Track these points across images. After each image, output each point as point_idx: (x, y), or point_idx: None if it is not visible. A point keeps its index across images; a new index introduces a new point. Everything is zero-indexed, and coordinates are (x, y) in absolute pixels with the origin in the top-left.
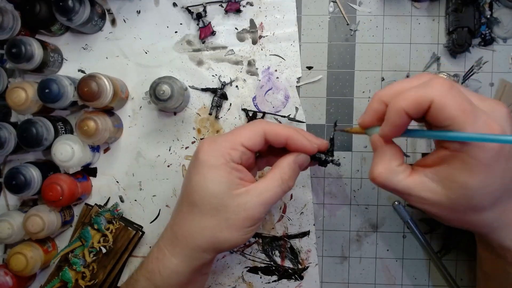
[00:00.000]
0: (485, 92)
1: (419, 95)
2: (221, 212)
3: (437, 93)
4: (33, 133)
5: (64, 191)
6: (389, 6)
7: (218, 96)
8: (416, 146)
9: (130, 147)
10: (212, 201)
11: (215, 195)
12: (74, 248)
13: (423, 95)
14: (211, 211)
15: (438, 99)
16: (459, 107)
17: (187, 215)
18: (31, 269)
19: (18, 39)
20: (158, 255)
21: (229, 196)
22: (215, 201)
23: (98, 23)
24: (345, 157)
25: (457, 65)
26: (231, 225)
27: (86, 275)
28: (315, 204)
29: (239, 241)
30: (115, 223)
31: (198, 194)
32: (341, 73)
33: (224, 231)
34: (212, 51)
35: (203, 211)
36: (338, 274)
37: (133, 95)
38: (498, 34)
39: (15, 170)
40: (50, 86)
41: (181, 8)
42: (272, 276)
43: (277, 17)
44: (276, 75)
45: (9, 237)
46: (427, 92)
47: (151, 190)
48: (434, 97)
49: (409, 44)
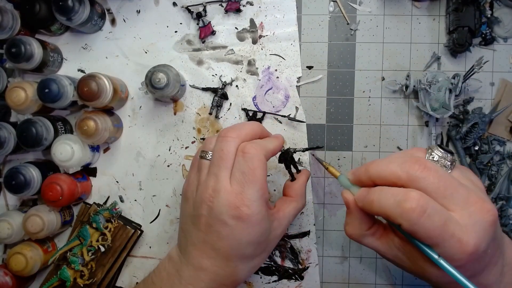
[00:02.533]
0: (485, 92)
1: (390, 212)
2: (266, 250)
3: (405, 221)
4: (32, 133)
5: (63, 191)
6: (389, 5)
7: (218, 96)
8: (416, 146)
9: (130, 147)
10: (257, 247)
11: (260, 241)
12: (73, 246)
13: (394, 214)
14: (255, 253)
15: (406, 226)
16: (427, 235)
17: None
18: (30, 269)
19: (18, 38)
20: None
21: (269, 233)
22: (261, 246)
23: (98, 23)
24: (345, 157)
25: (457, 65)
26: (268, 252)
27: (85, 273)
28: (315, 204)
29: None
30: (114, 221)
31: (240, 249)
32: (341, 72)
33: (261, 261)
34: (212, 51)
35: (246, 257)
36: (338, 274)
37: (133, 95)
38: (498, 33)
39: (15, 170)
40: (50, 85)
41: (181, 7)
42: (272, 276)
43: (277, 16)
44: (276, 74)
45: (9, 237)
46: (397, 214)
47: (151, 190)
48: (402, 223)
49: (409, 43)
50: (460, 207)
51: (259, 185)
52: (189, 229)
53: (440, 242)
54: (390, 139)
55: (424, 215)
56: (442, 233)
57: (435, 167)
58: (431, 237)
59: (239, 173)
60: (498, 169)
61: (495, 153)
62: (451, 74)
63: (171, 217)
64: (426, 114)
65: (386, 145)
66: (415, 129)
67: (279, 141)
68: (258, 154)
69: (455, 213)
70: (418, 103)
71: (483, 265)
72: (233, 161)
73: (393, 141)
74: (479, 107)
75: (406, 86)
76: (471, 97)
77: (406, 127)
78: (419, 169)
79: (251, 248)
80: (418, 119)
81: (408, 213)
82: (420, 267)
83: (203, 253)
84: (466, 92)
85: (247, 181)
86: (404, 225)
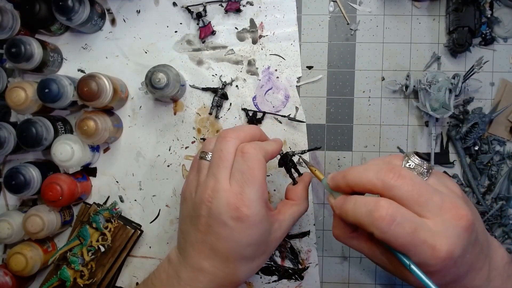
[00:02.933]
0: (485, 92)
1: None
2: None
3: (376, 230)
4: (32, 133)
5: (63, 191)
6: (389, 5)
7: (218, 96)
8: (416, 146)
9: (130, 147)
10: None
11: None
12: (73, 246)
13: (366, 223)
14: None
15: (378, 235)
16: (398, 243)
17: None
18: (30, 269)
19: (18, 38)
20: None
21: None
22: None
23: (98, 23)
24: (345, 157)
25: (457, 65)
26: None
27: (85, 273)
28: (315, 204)
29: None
30: (114, 221)
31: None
32: (341, 72)
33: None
34: (212, 51)
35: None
36: (338, 274)
37: (133, 95)
38: (498, 33)
39: (15, 170)
40: (50, 85)
41: (181, 7)
42: (272, 276)
43: (277, 16)
44: (276, 74)
45: (9, 237)
46: (369, 222)
47: (151, 190)
48: (373, 231)
49: (409, 43)
50: (433, 214)
51: (258, 185)
52: (188, 230)
53: (411, 249)
54: (390, 139)
55: (393, 223)
56: (413, 240)
57: (409, 175)
58: (402, 244)
59: (238, 173)
60: (498, 169)
61: (495, 153)
62: (451, 74)
63: (171, 217)
64: (426, 114)
65: (386, 145)
66: (415, 129)
67: (278, 144)
68: (257, 154)
69: (429, 220)
70: (418, 103)
71: (463, 271)
72: (233, 161)
73: (393, 141)
74: (479, 107)
75: (406, 86)
76: (471, 97)
77: (406, 127)
78: (394, 177)
79: (251, 250)
80: (418, 119)
81: (378, 221)
82: (401, 272)
83: (202, 253)
84: (466, 92)
85: (246, 181)
86: (375, 233)
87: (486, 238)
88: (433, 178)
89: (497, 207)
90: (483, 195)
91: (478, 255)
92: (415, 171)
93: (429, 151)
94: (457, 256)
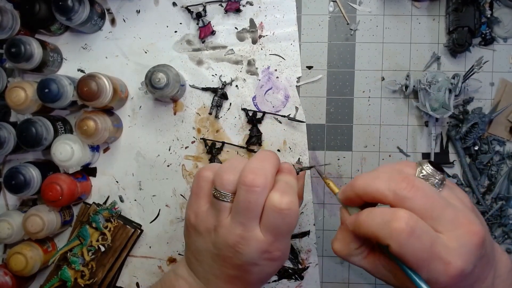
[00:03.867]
0: (485, 92)
1: (378, 232)
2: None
3: (393, 242)
4: (32, 133)
5: (63, 191)
6: (389, 5)
7: (218, 95)
8: (416, 146)
9: (129, 147)
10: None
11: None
12: (73, 246)
13: (382, 234)
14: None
15: (395, 247)
16: (414, 257)
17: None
18: (30, 269)
19: (18, 38)
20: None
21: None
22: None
23: (98, 23)
24: (345, 157)
25: (457, 65)
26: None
27: (85, 273)
28: (315, 204)
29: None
30: (114, 221)
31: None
32: (341, 72)
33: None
34: (212, 51)
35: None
36: (338, 274)
37: (133, 95)
38: (498, 33)
39: (15, 170)
40: (50, 85)
41: (180, 7)
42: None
43: (277, 16)
44: (276, 74)
45: (9, 237)
46: (386, 234)
47: (151, 190)
48: (390, 243)
49: (409, 43)
50: (447, 228)
51: (291, 231)
52: (209, 263)
53: (425, 264)
54: (390, 139)
55: (413, 235)
56: (430, 254)
57: (423, 186)
58: (419, 258)
59: (273, 227)
60: (498, 169)
61: (495, 153)
62: (451, 74)
63: (171, 217)
64: (426, 114)
65: (386, 145)
66: (415, 129)
67: (299, 178)
68: (297, 210)
69: (442, 235)
70: (418, 103)
71: (469, 283)
72: (262, 210)
73: (393, 141)
74: (479, 107)
75: (406, 86)
76: (471, 97)
77: (406, 127)
78: (407, 188)
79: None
80: (418, 119)
81: (397, 233)
82: (406, 287)
83: (228, 282)
84: (466, 92)
85: (283, 232)
86: (392, 246)
87: (492, 248)
88: (447, 190)
89: (497, 207)
90: (483, 195)
91: (485, 266)
92: (428, 181)
93: (429, 151)
94: (467, 273)
